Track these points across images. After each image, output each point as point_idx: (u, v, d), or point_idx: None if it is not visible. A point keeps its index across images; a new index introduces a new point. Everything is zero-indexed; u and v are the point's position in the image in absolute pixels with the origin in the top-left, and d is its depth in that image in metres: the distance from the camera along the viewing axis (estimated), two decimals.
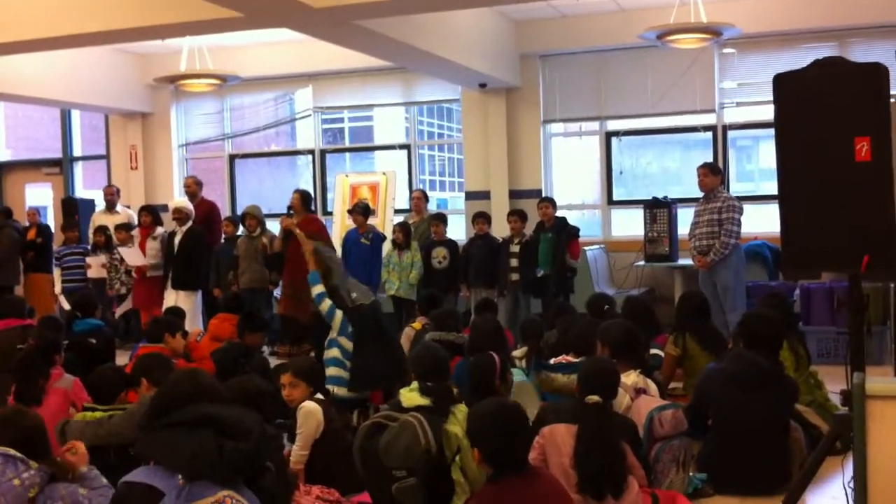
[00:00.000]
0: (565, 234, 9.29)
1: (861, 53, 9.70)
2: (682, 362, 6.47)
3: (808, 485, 3.93)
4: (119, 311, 10.31)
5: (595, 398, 4.32)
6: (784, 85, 3.84)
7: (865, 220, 3.68)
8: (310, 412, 4.89)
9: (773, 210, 5.50)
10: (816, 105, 3.77)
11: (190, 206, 10.04)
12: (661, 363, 6.90)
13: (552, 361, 5.60)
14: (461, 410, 4.45)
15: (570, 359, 5.55)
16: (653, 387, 5.49)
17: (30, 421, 3.72)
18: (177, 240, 9.73)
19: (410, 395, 4.51)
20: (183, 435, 2.85)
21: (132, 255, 10.05)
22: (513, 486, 3.44)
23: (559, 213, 9.55)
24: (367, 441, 4.43)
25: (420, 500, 4.32)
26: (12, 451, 3.50)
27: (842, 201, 3.69)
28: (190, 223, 9.80)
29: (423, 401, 4.45)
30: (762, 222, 9.69)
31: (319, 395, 5.06)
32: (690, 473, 4.93)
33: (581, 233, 9.59)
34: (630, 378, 5.27)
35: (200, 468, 2.80)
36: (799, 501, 3.94)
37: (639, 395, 5.19)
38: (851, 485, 3.40)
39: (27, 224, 11.47)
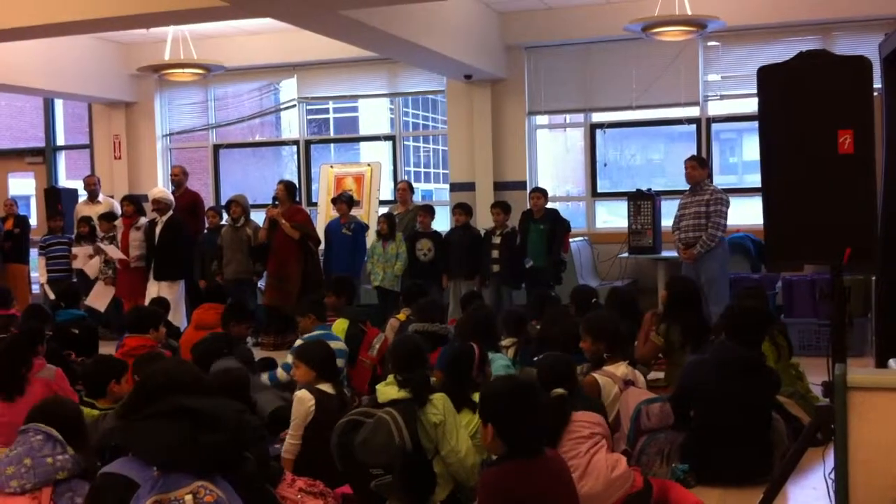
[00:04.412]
0: (560, 226, 9.32)
1: (845, 47, 9.73)
2: (666, 353, 6.51)
3: (790, 476, 3.95)
4: (93, 302, 10.19)
5: (560, 391, 4.53)
6: (767, 77, 3.85)
7: (848, 212, 3.70)
8: (299, 399, 4.89)
9: (756, 203, 5.54)
10: (800, 97, 3.78)
11: (169, 195, 9.99)
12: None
13: (535, 359, 5.64)
14: (439, 399, 4.46)
15: None
16: (641, 378, 5.55)
17: (68, 410, 3.90)
18: (157, 230, 9.68)
19: (385, 390, 4.50)
20: (158, 426, 2.85)
21: (111, 249, 10.02)
22: (523, 468, 3.41)
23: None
24: (344, 438, 4.42)
25: (400, 495, 4.32)
26: (55, 432, 3.67)
27: (824, 193, 3.71)
28: (170, 213, 9.74)
29: (399, 394, 4.43)
30: (745, 215, 9.73)
31: (322, 386, 4.99)
32: (673, 464, 4.96)
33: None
34: (619, 369, 5.32)
35: (174, 459, 2.80)
36: (780, 492, 3.97)
37: (627, 387, 5.24)
38: (832, 476, 3.42)
39: (4, 215, 11.38)
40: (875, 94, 3.99)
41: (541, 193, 9.49)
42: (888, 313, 5.41)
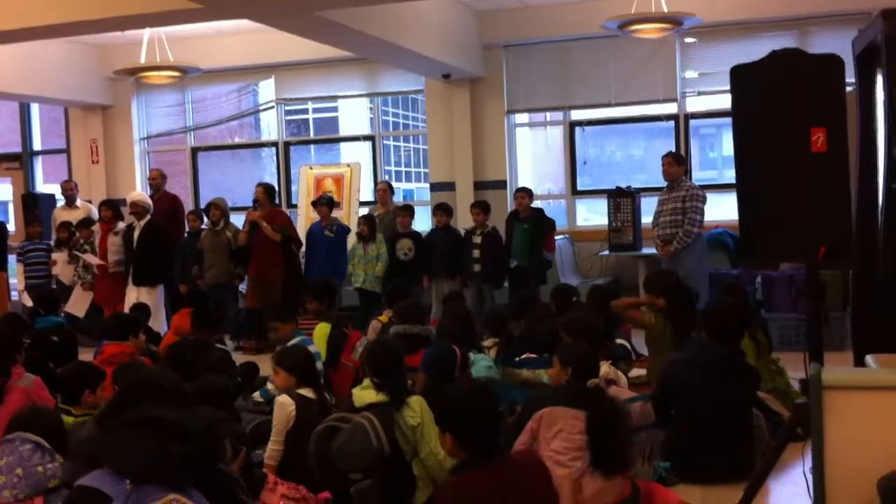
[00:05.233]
0: (544, 225, 9.34)
1: (821, 42, 9.79)
2: (651, 341, 6.53)
3: (770, 472, 3.97)
4: (72, 308, 10.12)
5: (596, 380, 4.59)
6: (741, 76, 3.87)
7: (822, 210, 3.72)
8: (280, 405, 4.85)
9: (735, 198, 5.56)
10: (773, 96, 3.80)
11: (148, 199, 9.92)
12: (626, 353, 6.96)
13: (517, 359, 5.66)
14: (416, 401, 4.45)
15: (533, 356, 5.61)
16: (622, 378, 5.57)
17: (49, 418, 3.94)
18: (135, 234, 9.61)
19: (362, 394, 4.49)
20: (128, 437, 2.84)
21: (89, 256, 9.96)
22: (486, 476, 3.37)
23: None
24: (322, 445, 4.40)
25: (379, 499, 4.31)
26: (43, 441, 3.71)
27: (798, 192, 3.73)
28: (148, 217, 9.67)
29: (376, 397, 4.42)
30: (724, 210, 9.77)
31: (303, 390, 4.94)
32: (655, 463, 4.97)
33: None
34: (601, 369, 5.32)
35: (145, 471, 2.79)
36: (761, 489, 3.98)
37: (609, 387, 5.25)
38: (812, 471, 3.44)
39: None
40: (848, 89, 4.01)
41: (525, 193, 9.51)
42: (864, 309, 5.44)
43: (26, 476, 3.59)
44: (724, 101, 10.07)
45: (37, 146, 13.68)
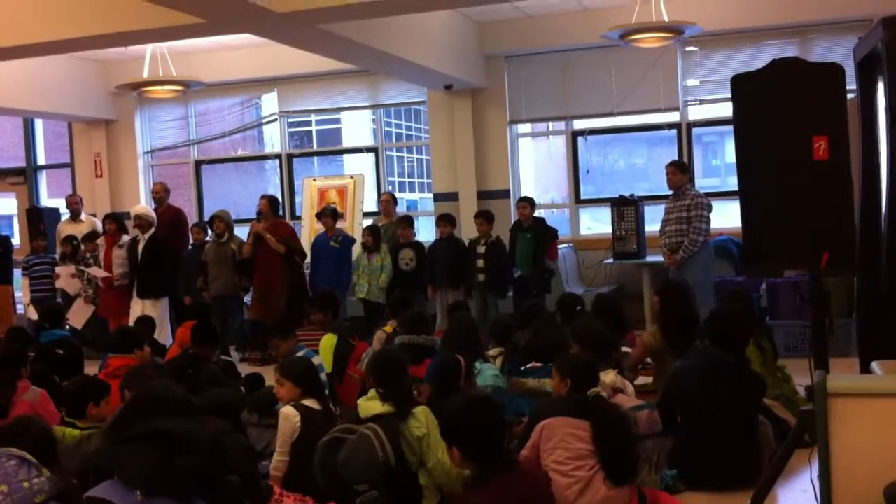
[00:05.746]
0: (549, 234, 9.35)
1: (821, 49, 9.81)
2: (655, 356, 6.52)
3: (777, 479, 3.96)
4: (72, 321, 10.13)
5: (597, 390, 4.52)
6: (742, 85, 3.89)
7: (824, 217, 3.73)
8: (284, 416, 4.85)
9: (738, 205, 5.56)
10: (774, 105, 3.81)
11: (151, 213, 9.95)
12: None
13: (522, 368, 5.66)
14: (422, 412, 4.46)
15: (538, 365, 5.61)
16: (629, 386, 5.57)
17: (38, 430, 3.87)
18: (140, 248, 9.63)
19: (368, 405, 4.49)
20: (135, 450, 2.85)
21: (95, 269, 9.98)
22: (502, 488, 3.35)
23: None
24: (327, 456, 4.39)
25: None
26: (28, 456, 3.62)
27: (801, 200, 3.74)
28: (152, 230, 9.70)
29: (382, 408, 4.42)
30: (728, 217, 9.77)
31: (307, 402, 4.92)
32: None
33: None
34: (608, 377, 5.33)
35: (155, 484, 2.80)
36: (769, 495, 3.97)
37: (616, 395, 5.25)
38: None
39: None
40: (850, 96, 4.02)
41: (527, 203, 9.54)
42: (869, 316, 5.44)
43: (12, 492, 3.50)
44: (727, 109, 10.02)
45: (41, 161, 13.73)
